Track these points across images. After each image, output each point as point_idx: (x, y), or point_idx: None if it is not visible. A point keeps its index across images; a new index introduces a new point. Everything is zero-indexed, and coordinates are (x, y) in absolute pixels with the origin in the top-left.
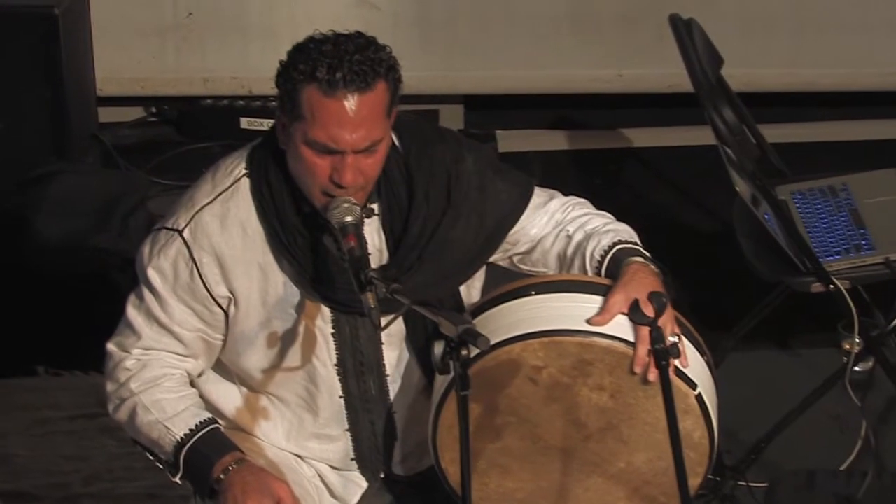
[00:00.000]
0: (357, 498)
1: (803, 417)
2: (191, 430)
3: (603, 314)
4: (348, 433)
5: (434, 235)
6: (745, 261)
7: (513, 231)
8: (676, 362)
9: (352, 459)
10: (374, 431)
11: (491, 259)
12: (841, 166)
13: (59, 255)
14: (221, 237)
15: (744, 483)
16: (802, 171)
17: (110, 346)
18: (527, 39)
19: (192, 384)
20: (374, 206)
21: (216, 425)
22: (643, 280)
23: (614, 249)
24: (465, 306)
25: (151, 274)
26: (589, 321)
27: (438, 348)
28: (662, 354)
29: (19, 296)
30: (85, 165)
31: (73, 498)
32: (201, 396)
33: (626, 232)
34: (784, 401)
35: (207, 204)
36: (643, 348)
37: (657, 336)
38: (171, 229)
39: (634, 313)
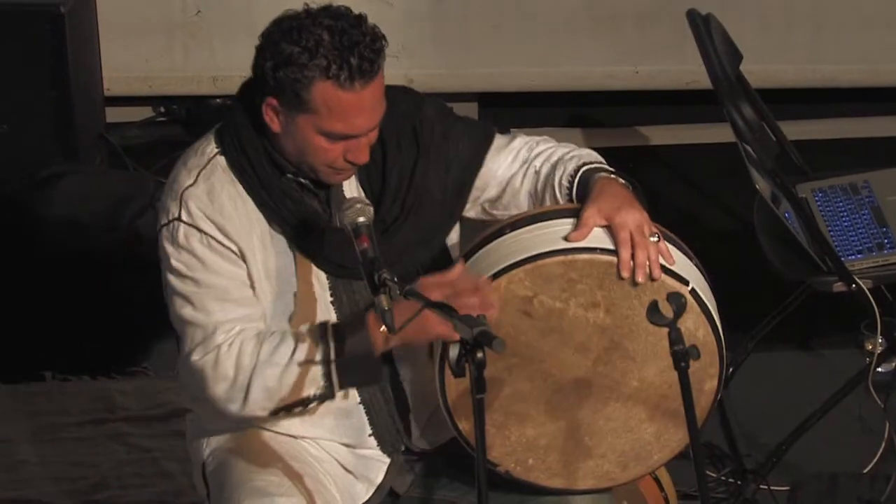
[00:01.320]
0: (382, 475)
1: (825, 420)
2: (322, 335)
3: (580, 229)
4: (361, 406)
5: (411, 185)
6: (765, 260)
7: (480, 174)
8: (662, 261)
9: (369, 435)
10: (387, 400)
11: (465, 212)
12: (862, 163)
13: (66, 258)
14: (213, 209)
15: (765, 487)
16: (823, 169)
17: (194, 360)
18: (542, 35)
19: None
20: None
21: (328, 321)
22: (613, 191)
23: (580, 172)
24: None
25: (179, 266)
26: (566, 238)
27: (454, 351)
28: (682, 356)
29: (26, 299)
30: (92, 166)
31: None
32: None
33: (589, 155)
34: (806, 403)
35: (190, 185)
36: (626, 252)
37: (676, 337)
38: (169, 221)
39: (652, 314)
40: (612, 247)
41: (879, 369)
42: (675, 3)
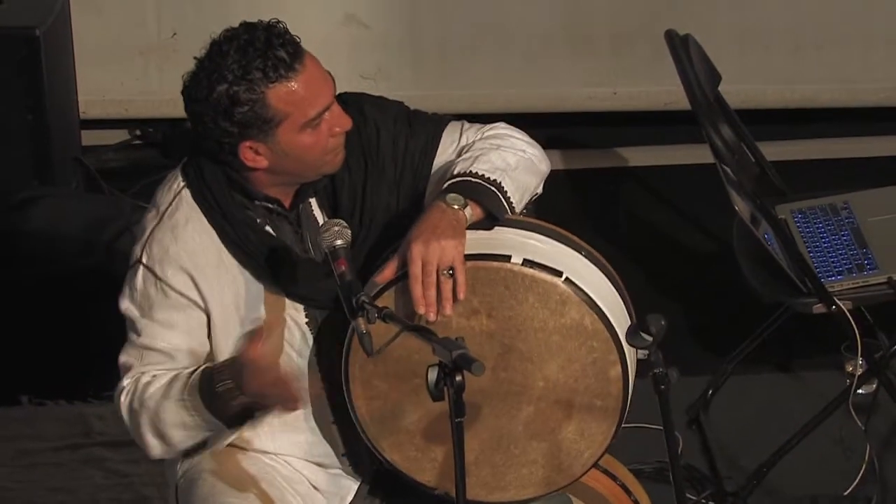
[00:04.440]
0: (351, 495)
1: (806, 441)
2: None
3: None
4: (334, 426)
5: (364, 204)
6: (745, 282)
7: (431, 175)
8: (528, 256)
9: (343, 455)
10: None
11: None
12: (842, 184)
13: (42, 282)
14: (178, 246)
15: None
16: (803, 190)
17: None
18: (519, 57)
19: None
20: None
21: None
22: (430, 222)
23: (446, 183)
24: None
25: (128, 309)
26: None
27: (432, 374)
28: (661, 379)
29: (2, 323)
30: (68, 190)
31: None
32: None
33: (482, 160)
34: (786, 425)
35: (156, 226)
36: (417, 288)
37: (655, 360)
38: (133, 264)
39: (633, 337)
40: (476, 251)
41: (860, 391)
42: (653, 23)
